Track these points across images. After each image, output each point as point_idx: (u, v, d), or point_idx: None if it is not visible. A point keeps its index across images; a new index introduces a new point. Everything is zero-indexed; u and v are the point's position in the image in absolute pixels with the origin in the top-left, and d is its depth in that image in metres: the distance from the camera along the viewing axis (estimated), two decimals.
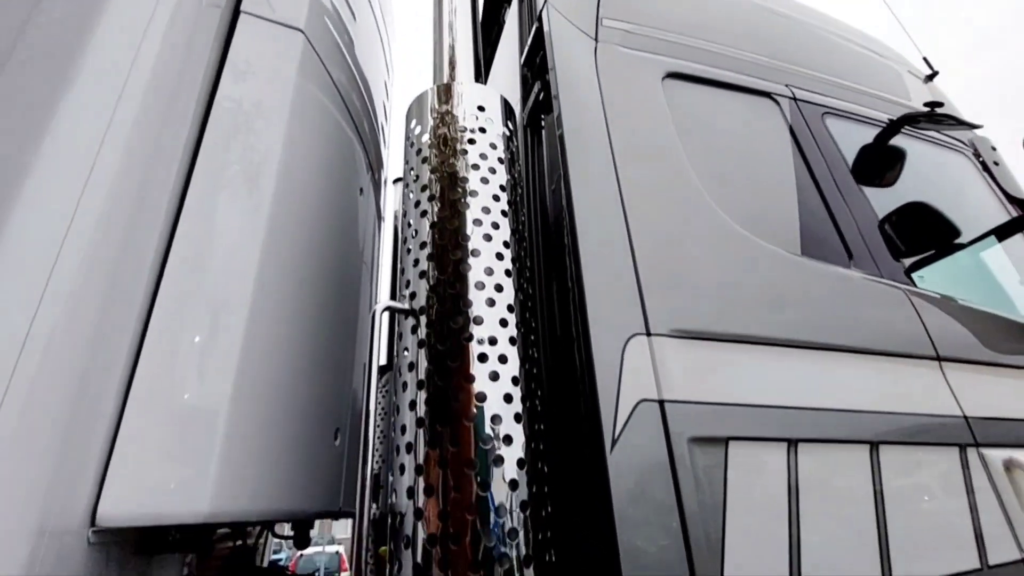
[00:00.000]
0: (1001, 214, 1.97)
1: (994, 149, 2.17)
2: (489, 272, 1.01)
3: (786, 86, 1.73)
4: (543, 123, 1.63)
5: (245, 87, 1.25)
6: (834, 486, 1.04)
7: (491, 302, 0.98)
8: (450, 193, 1.09)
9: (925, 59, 2.47)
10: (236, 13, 1.35)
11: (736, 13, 1.86)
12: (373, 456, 0.93)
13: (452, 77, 1.39)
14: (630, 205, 1.22)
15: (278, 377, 1.14)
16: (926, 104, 1.85)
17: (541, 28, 1.54)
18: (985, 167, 2.13)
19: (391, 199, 3.69)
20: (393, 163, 2.98)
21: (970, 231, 1.84)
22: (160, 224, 1.04)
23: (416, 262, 1.05)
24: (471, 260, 1.01)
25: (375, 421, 0.94)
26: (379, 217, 2.42)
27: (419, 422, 0.90)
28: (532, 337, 1.05)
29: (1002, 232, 1.86)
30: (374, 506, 1.08)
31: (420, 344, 0.97)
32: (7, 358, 0.74)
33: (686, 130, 1.45)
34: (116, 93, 0.97)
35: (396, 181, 3.95)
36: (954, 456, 1.17)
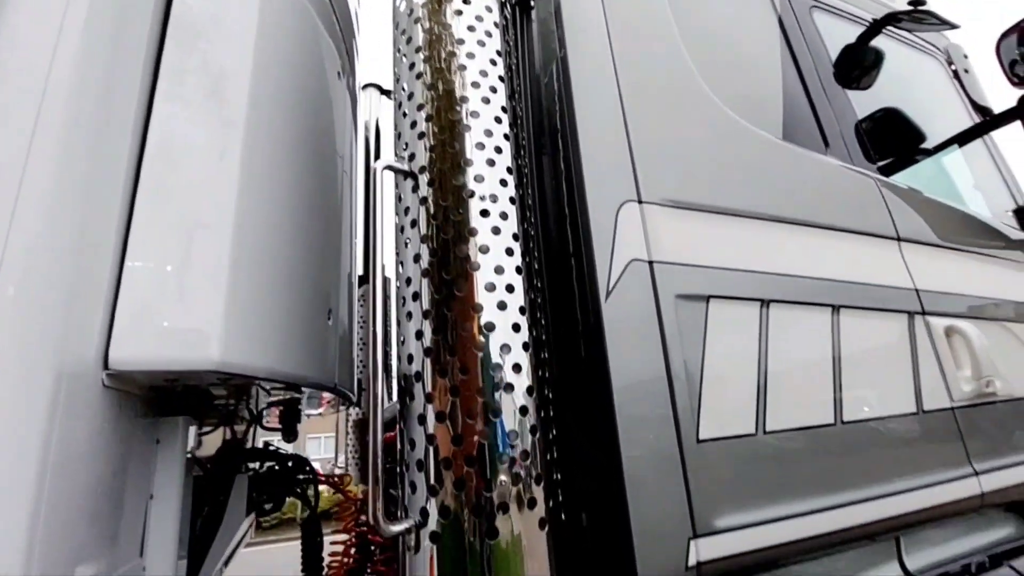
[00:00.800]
0: (965, 119, 2.06)
1: (966, 57, 2.22)
2: (482, 147, 1.00)
3: None
4: (533, 2, 1.57)
5: None
6: (799, 341, 1.14)
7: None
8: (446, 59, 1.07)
9: None
10: None
11: None
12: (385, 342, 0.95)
13: None
14: (625, 83, 1.22)
15: (273, 246, 1.14)
16: (909, 2, 1.86)
17: None
18: (956, 74, 2.19)
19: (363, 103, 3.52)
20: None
21: (936, 133, 1.92)
22: None
23: (414, 124, 1.04)
24: (470, 121, 1.01)
25: (380, 306, 0.95)
26: (354, 116, 2.33)
27: (427, 351, 0.89)
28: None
29: (963, 138, 1.96)
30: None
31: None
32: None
33: (681, 12, 1.43)
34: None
35: (366, 87, 3.78)
36: (903, 321, 1.30)
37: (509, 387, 0.86)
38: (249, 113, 1.09)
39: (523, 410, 0.87)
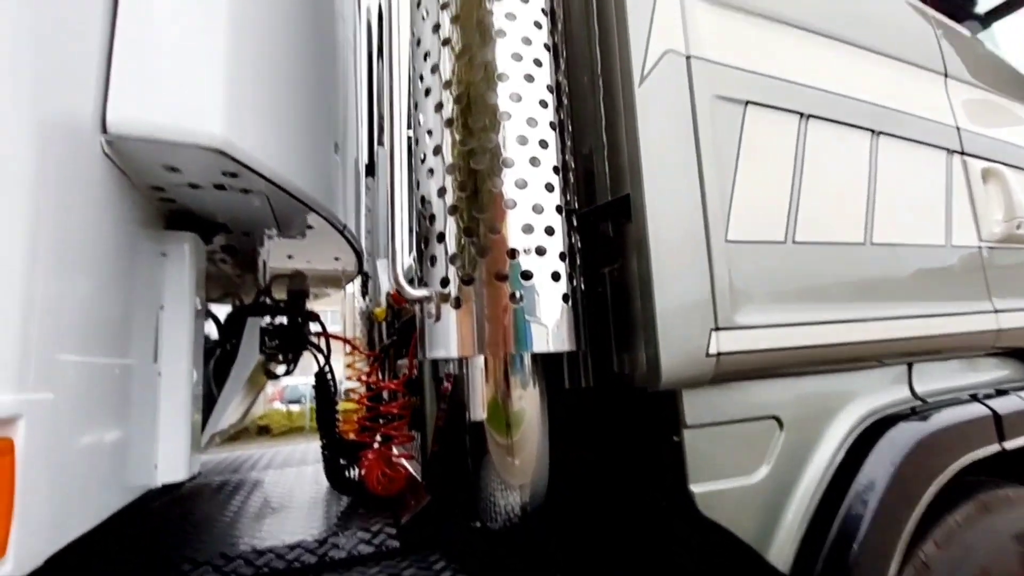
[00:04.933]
0: None
1: None
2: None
3: None
4: None
5: None
6: (836, 160, 1.09)
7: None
8: None
9: None
10: None
11: None
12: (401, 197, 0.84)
13: None
14: None
15: (277, 48, 1.06)
16: None
17: None
18: None
19: None
20: None
21: None
22: None
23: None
24: None
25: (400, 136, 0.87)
26: None
27: (451, 209, 0.83)
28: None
29: None
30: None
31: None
32: None
33: None
34: None
35: None
36: (941, 157, 1.24)
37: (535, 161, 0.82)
38: None
39: (548, 186, 0.82)
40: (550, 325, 0.79)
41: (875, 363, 1.11)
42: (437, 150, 0.85)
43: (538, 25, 0.88)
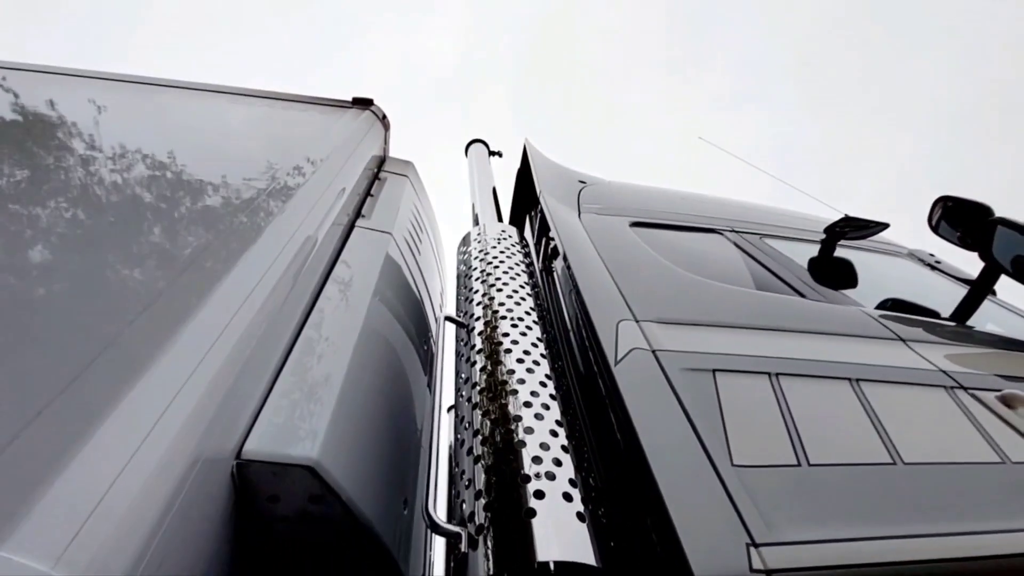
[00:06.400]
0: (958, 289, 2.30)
1: (932, 255, 2.64)
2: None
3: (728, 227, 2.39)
4: (554, 266, 2.28)
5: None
6: (823, 401, 1.22)
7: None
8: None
9: None
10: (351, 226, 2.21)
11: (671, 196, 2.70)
12: None
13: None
14: (617, 273, 1.73)
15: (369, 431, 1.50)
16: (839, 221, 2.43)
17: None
18: (932, 266, 2.56)
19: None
20: None
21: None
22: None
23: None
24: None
25: None
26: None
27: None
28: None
29: (965, 310, 2.19)
30: None
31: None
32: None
33: (655, 248, 2.05)
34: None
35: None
36: (941, 394, 1.31)
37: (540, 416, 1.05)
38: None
39: (552, 433, 1.02)
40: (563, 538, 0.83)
41: None
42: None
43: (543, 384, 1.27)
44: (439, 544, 2.43)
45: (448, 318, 1.48)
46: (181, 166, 2.07)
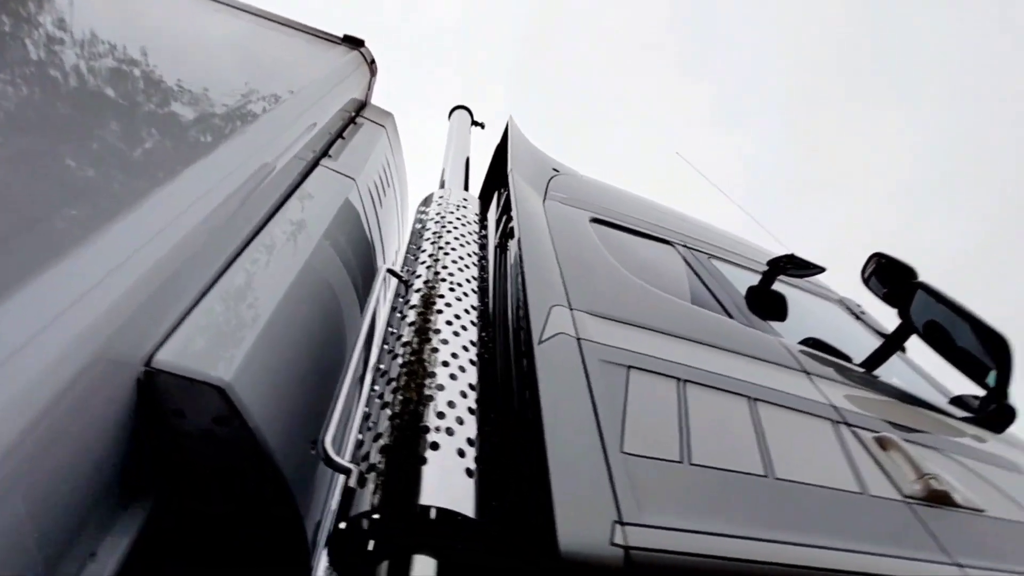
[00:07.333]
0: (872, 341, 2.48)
1: (859, 306, 2.82)
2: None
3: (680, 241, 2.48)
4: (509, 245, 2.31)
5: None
6: (719, 411, 1.31)
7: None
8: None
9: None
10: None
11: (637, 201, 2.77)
12: None
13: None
14: (564, 262, 1.78)
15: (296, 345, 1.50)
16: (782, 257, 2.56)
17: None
18: (857, 316, 2.74)
19: None
20: None
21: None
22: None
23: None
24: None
25: None
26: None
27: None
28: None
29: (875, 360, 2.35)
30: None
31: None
32: None
33: (608, 246, 2.11)
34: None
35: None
36: (827, 426, 1.43)
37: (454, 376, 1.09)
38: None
39: (463, 393, 1.06)
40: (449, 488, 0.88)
41: None
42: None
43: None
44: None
45: (390, 271, 1.50)
46: (150, 68, 1.97)
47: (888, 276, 2.32)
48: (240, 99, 1.98)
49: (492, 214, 2.88)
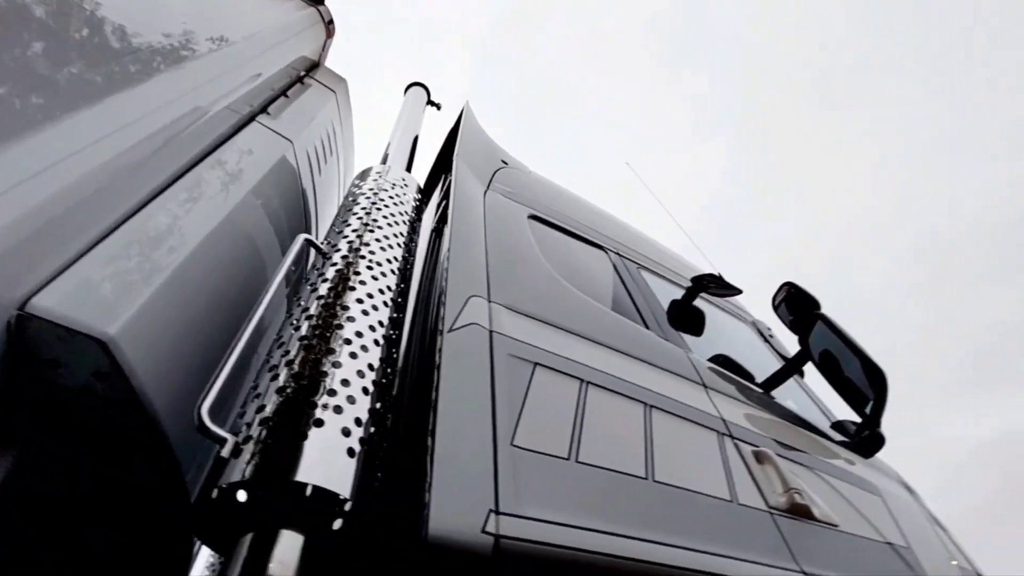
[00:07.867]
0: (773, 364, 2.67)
1: (769, 329, 3.01)
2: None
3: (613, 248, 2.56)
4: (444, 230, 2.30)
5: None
6: (615, 414, 1.37)
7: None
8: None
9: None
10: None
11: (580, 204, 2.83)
12: None
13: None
14: (493, 254, 1.79)
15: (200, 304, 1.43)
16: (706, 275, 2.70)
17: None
18: (766, 338, 2.93)
19: None
20: None
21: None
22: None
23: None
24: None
25: None
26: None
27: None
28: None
29: (772, 383, 2.52)
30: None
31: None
32: None
33: (541, 245, 2.14)
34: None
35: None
36: (712, 437, 1.53)
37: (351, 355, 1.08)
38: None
39: (360, 373, 1.05)
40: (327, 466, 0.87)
41: None
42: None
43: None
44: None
45: (308, 241, 1.46)
46: None
47: (795, 305, 2.49)
48: (178, 35, 1.85)
49: (436, 198, 2.86)
